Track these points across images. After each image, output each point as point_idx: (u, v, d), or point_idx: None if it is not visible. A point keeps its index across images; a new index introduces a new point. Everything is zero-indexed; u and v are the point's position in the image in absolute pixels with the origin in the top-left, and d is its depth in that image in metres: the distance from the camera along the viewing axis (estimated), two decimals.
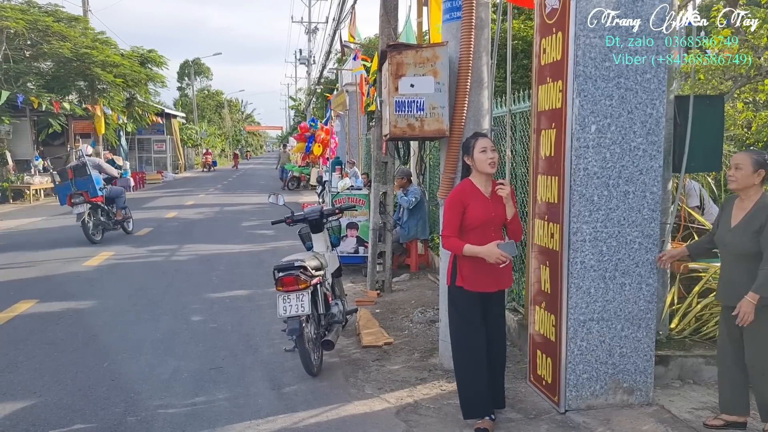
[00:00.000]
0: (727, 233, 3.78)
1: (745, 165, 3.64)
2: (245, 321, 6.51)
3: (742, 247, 3.67)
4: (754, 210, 3.64)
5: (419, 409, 4.32)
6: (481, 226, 3.88)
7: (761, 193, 3.68)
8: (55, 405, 4.40)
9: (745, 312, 3.56)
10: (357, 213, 8.84)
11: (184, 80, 67.41)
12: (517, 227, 4.05)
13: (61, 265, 9.46)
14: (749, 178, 3.64)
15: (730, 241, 3.75)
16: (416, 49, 4.65)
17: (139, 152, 35.46)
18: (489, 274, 3.91)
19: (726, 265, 3.84)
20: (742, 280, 3.64)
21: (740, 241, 3.68)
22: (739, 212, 3.73)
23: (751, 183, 3.65)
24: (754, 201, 3.67)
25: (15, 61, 19.68)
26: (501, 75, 7.17)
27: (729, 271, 3.81)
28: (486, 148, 3.87)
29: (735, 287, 3.70)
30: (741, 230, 3.68)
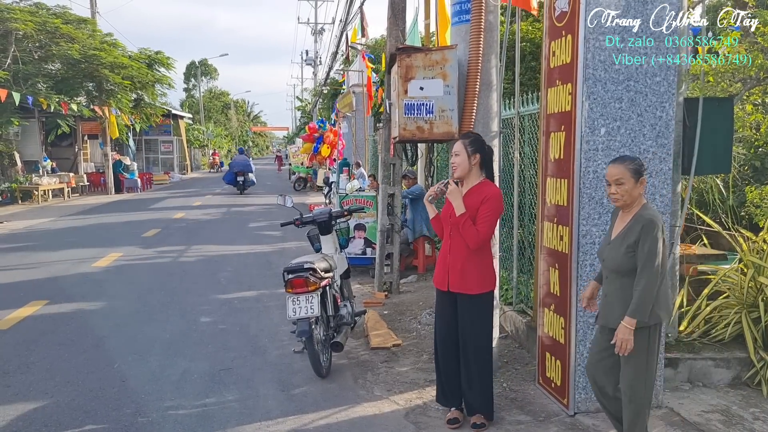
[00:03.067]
0: (606, 247, 3.48)
1: (626, 178, 3.26)
2: (254, 322, 6.54)
3: (616, 263, 3.33)
4: (632, 223, 3.30)
5: (428, 410, 4.33)
6: (444, 224, 4.04)
7: (641, 205, 3.34)
8: (67, 406, 4.43)
9: (621, 340, 3.21)
10: (365, 214, 8.86)
11: (190, 81, 67.69)
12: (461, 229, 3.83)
13: (71, 266, 9.52)
14: (635, 190, 3.28)
15: (607, 256, 3.42)
16: (425, 52, 4.68)
17: (146, 153, 35.66)
18: (440, 270, 4.04)
19: (604, 282, 3.51)
20: (615, 298, 3.36)
21: (615, 255, 3.33)
22: (620, 224, 3.41)
23: (636, 195, 3.30)
24: (633, 213, 3.34)
25: (24, 63, 19.79)
26: (509, 77, 7.18)
27: (606, 288, 3.49)
28: (452, 153, 3.93)
29: (609, 306, 3.40)
30: (617, 244, 3.34)
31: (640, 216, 3.27)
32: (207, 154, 49.91)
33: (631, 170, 3.27)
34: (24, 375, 5.03)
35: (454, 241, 3.93)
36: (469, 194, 3.90)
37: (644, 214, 3.27)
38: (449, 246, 3.97)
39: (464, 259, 3.89)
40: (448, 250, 3.98)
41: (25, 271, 9.22)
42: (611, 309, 3.38)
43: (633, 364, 3.32)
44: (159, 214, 16.84)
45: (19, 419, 4.22)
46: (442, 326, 4.11)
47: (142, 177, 27.33)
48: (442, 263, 4.02)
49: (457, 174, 3.89)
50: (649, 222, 3.21)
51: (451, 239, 3.95)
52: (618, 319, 3.30)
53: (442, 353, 4.12)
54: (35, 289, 8.04)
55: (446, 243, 4.01)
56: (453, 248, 3.94)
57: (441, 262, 4.05)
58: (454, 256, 3.93)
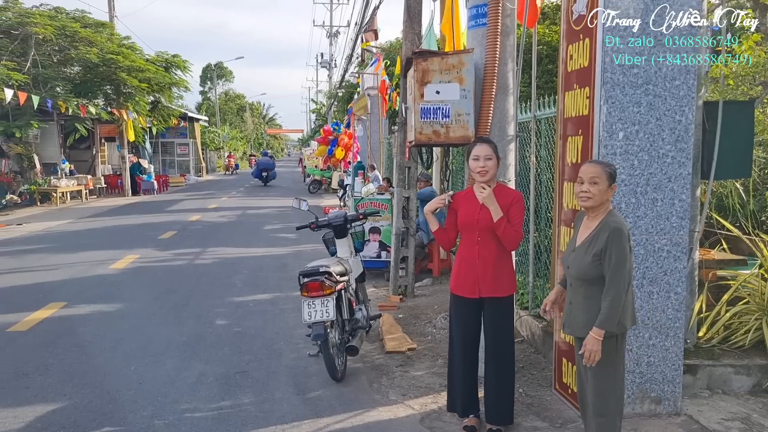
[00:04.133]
0: (570, 253, 3.40)
1: (601, 179, 3.21)
2: (269, 325, 6.56)
3: (581, 270, 3.26)
4: (598, 230, 3.23)
5: (443, 416, 4.31)
6: (464, 229, 3.96)
7: (608, 211, 3.29)
8: (84, 407, 4.47)
9: (590, 351, 3.14)
10: (380, 218, 8.86)
11: (206, 84, 68.10)
12: (501, 233, 3.81)
13: (88, 268, 9.61)
14: (605, 194, 3.23)
15: (572, 263, 3.35)
16: (442, 56, 4.66)
17: (162, 155, 35.93)
18: (466, 278, 3.95)
19: (569, 289, 3.44)
20: (579, 307, 3.30)
21: (580, 263, 3.26)
22: (585, 231, 3.34)
23: (605, 199, 3.25)
24: (599, 219, 3.27)
25: (44, 67, 20.03)
26: (525, 80, 7.15)
27: (570, 295, 3.42)
28: (479, 156, 3.84)
29: (573, 314, 3.35)
30: (582, 251, 3.28)
31: (607, 224, 3.21)
32: (222, 157, 50.20)
33: (607, 173, 3.23)
34: (42, 376, 5.08)
35: (484, 247, 3.88)
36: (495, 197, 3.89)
37: (610, 222, 3.21)
38: (478, 252, 3.89)
39: (495, 264, 3.88)
40: (476, 256, 3.89)
41: (44, 273, 9.32)
42: (575, 317, 3.33)
43: (600, 374, 3.25)
44: (175, 217, 16.96)
45: (38, 420, 4.27)
46: (466, 333, 4.03)
47: (159, 179, 27.56)
48: (470, 271, 3.92)
49: (487, 177, 3.84)
50: (616, 230, 3.15)
51: (480, 245, 3.88)
52: (583, 328, 3.26)
53: (463, 361, 4.06)
54: (54, 290, 8.13)
55: (473, 249, 3.91)
56: (482, 254, 3.88)
57: (467, 269, 3.93)
58: (485, 261, 3.88)
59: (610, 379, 3.25)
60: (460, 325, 4.05)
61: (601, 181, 3.21)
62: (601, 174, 3.21)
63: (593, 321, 3.20)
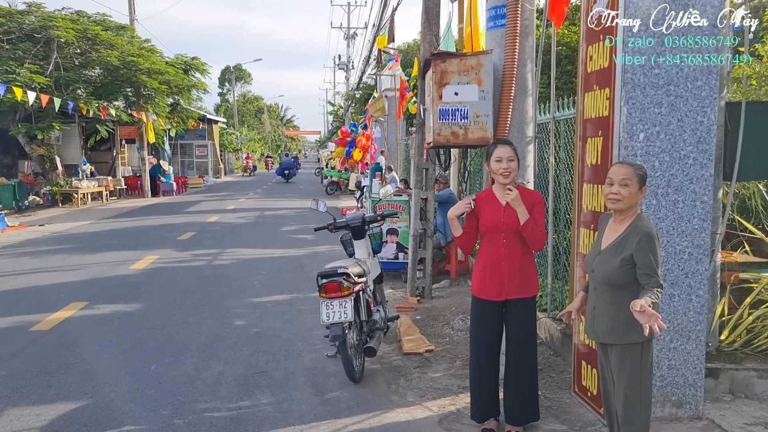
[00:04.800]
0: (595, 257, 3.29)
1: (632, 181, 3.11)
2: (287, 326, 6.58)
3: (608, 275, 3.16)
4: (627, 233, 3.14)
5: (462, 418, 4.30)
6: (489, 232, 3.92)
7: (637, 215, 3.20)
8: (106, 406, 4.52)
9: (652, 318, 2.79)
10: (397, 219, 8.86)
11: (225, 86, 68.62)
12: (529, 234, 3.81)
13: (109, 268, 9.72)
14: (635, 197, 3.14)
15: (597, 267, 3.25)
16: (460, 58, 4.66)
17: (181, 157, 36.26)
18: (492, 280, 3.92)
19: (591, 292, 3.36)
20: (604, 313, 3.20)
21: (607, 267, 3.16)
22: (612, 234, 3.24)
23: (635, 201, 3.16)
24: (628, 223, 3.17)
25: (65, 69, 20.31)
26: (544, 81, 7.11)
27: (594, 300, 3.32)
28: (501, 158, 3.81)
29: (598, 319, 3.25)
30: (609, 255, 3.18)
31: (637, 228, 3.12)
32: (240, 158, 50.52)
33: (638, 175, 3.14)
34: (65, 375, 5.15)
35: (510, 249, 3.87)
36: None
37: (641, 226, 3.13)
38: (503, 254, 3.87)
39: (521, 265, 3.88)
40: (502, 258, 3.87)
41: (66, 273, 9.44)
42: (600, 322, 3.25)
43: (625, 383, 3.19)
44: (194, 218, 17.11)
45: (60, 419, 4.32)
46: (490, 336, 4.01)
47: (178, 181, 27.80)
48: (495, 273, 3.89)
49: (510, 179, 3.83)
50: (648, 235, 3.08)
51: (506, 247, 3.86)
52: (607, 334, 3.20)
53: (487, 364, 4.03)
54: (75, 290, 8.23)
55: (498, 252, 3.88)
56: (508, 256, 3.87)
57: (492, 272, 3.90)
58: (511, 263, 3.86)
59: (637, 387, 3.18)
60: (485, 328, 4.02)
61: (632, 184, 3.12)
62: (633, 176, 3.12)
63: (618, 327, 3.15)
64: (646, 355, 3.18)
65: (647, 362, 3.19)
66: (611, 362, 3.27)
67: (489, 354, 4.04)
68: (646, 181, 3.19)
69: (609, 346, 3.26)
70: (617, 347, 3.21)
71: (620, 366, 3.20)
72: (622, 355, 3.19)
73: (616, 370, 3.23)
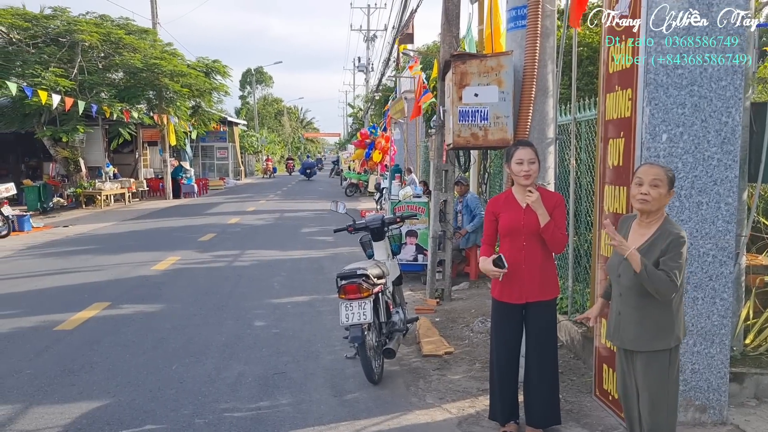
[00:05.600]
0: (621, 262, 3.17)
1: (663, 183, 3.03)
2: (306, 327, 6.61)
3: (635, 280, 3.06)
4: (656, 237, 3.05)
5: (481, 420, 4.27)
6: (509, 234, 3.90)
7: (664, 217, 3.12)
8: (128, 405, 4.57)
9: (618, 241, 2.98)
10: (416, 221, 8.86)
11: (246, 88, 69.10)
12: (549, 237, 3.78)
13: (131, 269, 9.84)
14: (664, 199, 3.06)
15: (624, 272, 3.15)
16: (481, 59, 4.65)
17: (202, 159, 36.58)
18: (512, 283, 3.90)
19: (615, 298, 3.27)
20: (629, 319, 3.12)
21: (633, 272, 3.05)
22: (638, 238, 3.14)
23: (664, 203, 3.08)
24: (656, 226, 3.09)
25: (89, 73, 20.59)
26: (565, 82, 7.06)
27: (617, 305, 3.26)
28: (523, 160, 3.78)
29: (623, 326, 3.16)
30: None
31: (666, 231, 3.05)
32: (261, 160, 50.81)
33: (669, 177, 3.07)
34: (88, 374, 5.22)
35: (530, 251, 3.84)
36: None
37: (670, 229, 3.05)
38: (524, 257, 3.85)
39: (541, 268, 3.86)
40: (522, 261, 3.85)
41: (89, 274, 9.57)
42: (626, 329, 3.18)
43: (651, 390, 3.13)
44: (214, 219, 17.24)
45: (83, 417, 4.38)
46: (511, 339, 4.00)
47: (199, 182, 28.05)
48: (515, 276, 3.86)
49: (531, 181, 3.80)
50: (678, 237, 3.01)
51: (526, 250, 3.84)
52: (633, 341, 3.14)
53: (508, 367, 4.02)
54: (98, 291, 8.34)
55: (519, 255, 3.85)
56: (528, 259, 3.85)
57: (512, 275, 3.86)
58: (532, 266, 3.84)
59: (663, 394, 3.13)
60: (505, 330, 3.99)
61: (662, 185, 3.04)
62: (663, 177, 3.04)
63: (645, 334, 3.10)
64: (673, 361, 3.13)
65: (674, 368, 3.15)
66: (636, 369, 3.22)
67: (509, 356, 4.02)
68: (674, 184, 3.14)
69: (634, 353, 3.21)
70: (643, 354, 3.15)
71: (646, 373, 3.14)
72: (648, 363, 3.13)
73: (641, 377, 3.17)
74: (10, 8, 19.84)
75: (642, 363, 3.16)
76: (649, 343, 3.12)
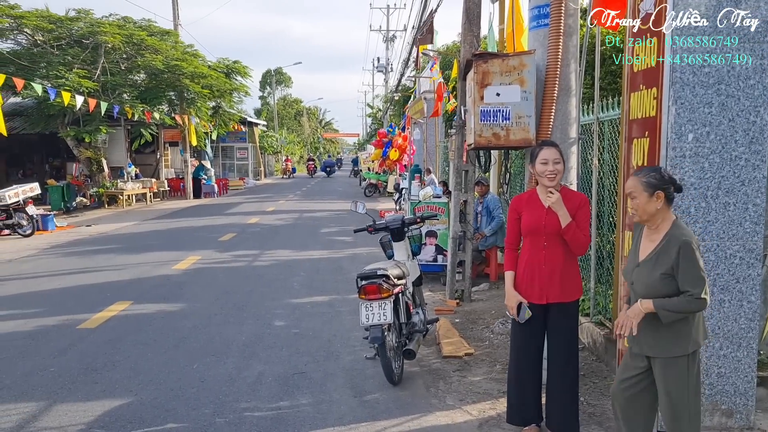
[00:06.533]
0: (634, 268, 3.18)
1: (637, 191, 3.04)
2: (326, 327, 6.61)
3: (648, 289, 3.05)
4: (664, 244, 3.03)
5: (502, 422, 4.24)
6: (530, 234, 3.87)
7: (671, 222, 3.08)
8: (150, 404, 4.60)
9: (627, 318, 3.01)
10: (436, 221, 8.82)
11: (265, 89, 69.50)
12: (570, 238, 3.75)
13: (152, 269, 9.92)
14: (648, 206, 3.03)
15: (636, 279, 3.14)
16: (502, 58, 4.61)
17: (222, 159, 36.86)
18: (533, 284, 3.86)
19: (633, 303, 3.20)
20: (647, 325, 3.07)
21: (647, 281, 3.06)
22: (648, 244, 3.13)
23: (652, 210, 3.04)
24: (663, 232, 3.06)
25: (112, 74, 20.85)
26: (588, 82, 6.98)
27: None
28: (548, 160, 3.74)
29: (641, 332, 3.11)
30: (649, 267, 3.07)
31: (674, 237, 3.00)
32: (280, 161, 51.06)
33: (643, 183, 3.04)
34: (110, 372, 5.27)
35: (551, 252, 3.81)
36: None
37: (677, 235, 3.00)
38: (544, 257, 3.82)
39: (563, 269, 3.82)
40: (543, 262, 3.82)
41: (111, 273, 9.67)
42: (644, 335, 3.13)
43: (672, 395, 3.08)
44: (234, 219, 17.35)
45: (106, 415, 4.42)
46: (532, 340, 3.96)
47: (219, 183, 28.26)
48: (536, 276, 3.84)
49: (556, 182, 3.76)
50: (686, 244, 2.96)
51: (547, 250, 3.81)
52: (651, 348, 3.11)
53: (529, 369, 3.98)
54: (120, 290, 8.43)
55: (539, 255, 3.83)
56: (549, 259, 3.81)
57: (533, 275, 3.85)
58: (552, 267, 3.80)
59: (685, 399, 3.08)
60: (526, 332, 3.95)
61: (639, 195, 3.04)
62: (637, 186, 3.05)
63: (662, 340, 3.07)
64: (692, 365, 3.08)
65: (693, 373, 3.09)
66: (655, 374, 3.16)
67: (530, 358, 3.98)
68: (658, 187, 3.04)
69: (653, 359, 3.16)
70: (661, 360, 3.11)
71: (666, 379, 3.09)
72: (666, 368, 3.08)
73: (661, 383, 3.12)
74: (35, 10, 20.14)
75: (660, 368, 3.12)
76: (666, 349, 3.08)
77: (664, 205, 3.06)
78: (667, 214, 3.10)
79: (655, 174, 3.08)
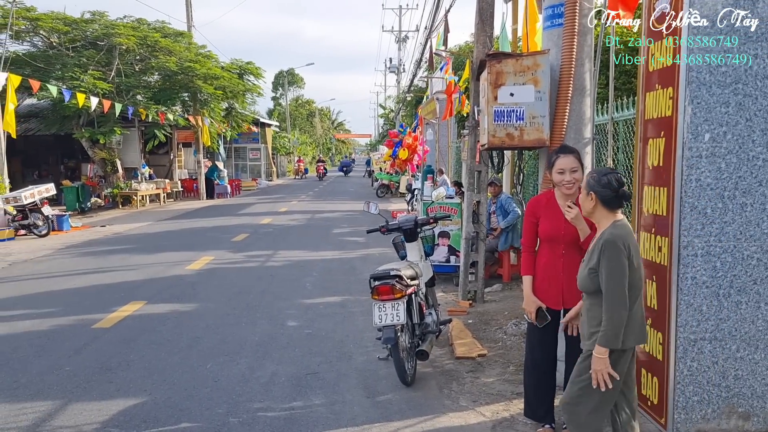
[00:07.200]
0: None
1: (582, 186, 3.19)
2: (339, 328, 6.61)
3: (580, 282, 3.21)
4: (596, 241, 3.14)
5: (516, 424, 4.22)
6: (548, 240, 3.85)
7: (611, 222, 3.13)
8: (164, 403, 4.63)
9: (596, 370, 3.03)
10: (449, 222, 8.80)
11: (278, 90, 69.75)
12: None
13: (166, 269, 9.98)
14: (585, 203, 3.15)
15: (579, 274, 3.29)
16: (516, 58, 4.59)
17: (235, 160, 37.03)
18: (550, 289, 3.84)
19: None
20: (583, 319, 3.24)
21: (580, 275, 3.22)
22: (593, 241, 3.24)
23: (588, 208, 3.15)
24: (602, 230, 3.14)
25: (126, 75, 21.02)
26: (602, 81, 6.94)
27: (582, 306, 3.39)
28: (564, 170, 3.72)
29: (582, 326, 3.29)
30: (584, 263, 3.20)
31: (603, 235, 3.08)
32: (292, 161, 51.22)
33: (585, 179, 3.16)
34: (125, 372, 5.30)
35: (569, 260, 3.80)
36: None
37: (606, 234, 3.07)
38: (563, 265, 3.82)
39: None
40: (560, 269, 3.82)
41: (125, 273, 9.74)
42: (582, 328, 3.29)
43: (581, 386, 3.17)
44: (247, 220, 17.41)
45: (120, 414, 4.44)
46: (547, 343, 3.96)
47: (232, 183, 28.39)
48: (554, 282, 3.84)
49: (574, 191, 3.72)
50: (608, 243, 3.01)
51: (565, 258, 3.81)
52: (586, 340, 3.19)
53: (544, 371, 3.98)
54: (134, 290, 8.48)
55: (557, 262, 3.83)
56: (567, 267, 3.80)
57: (551, 281, 3.85)
58: (570, 274, 3.77)
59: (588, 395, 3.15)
60: (542, 334, 3.94)
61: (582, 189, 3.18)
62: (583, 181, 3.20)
63: (586, 334, 3.17)
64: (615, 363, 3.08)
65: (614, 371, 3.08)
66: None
67: (544, 360, 3.97)
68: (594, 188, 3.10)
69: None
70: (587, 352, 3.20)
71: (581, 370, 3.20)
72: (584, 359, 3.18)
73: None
74: (51, 12, 20.34)
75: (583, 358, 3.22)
76: (585, 342, 3.21)
77: (600, 206, 3.12)
78: (607, 214, 3.14)
79: (597, 175, 3.14)
